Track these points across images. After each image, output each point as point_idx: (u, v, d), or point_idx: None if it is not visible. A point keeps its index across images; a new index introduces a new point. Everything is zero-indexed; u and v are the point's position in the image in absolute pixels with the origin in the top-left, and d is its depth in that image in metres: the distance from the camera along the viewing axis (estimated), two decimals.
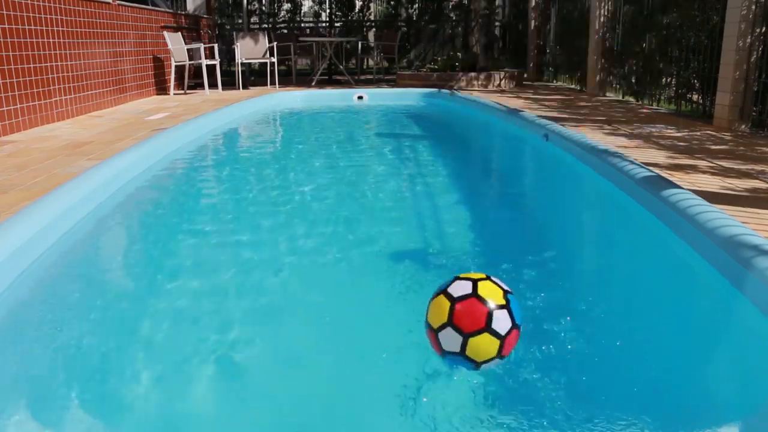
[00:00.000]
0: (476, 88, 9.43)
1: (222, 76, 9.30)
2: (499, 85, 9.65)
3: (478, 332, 1.39)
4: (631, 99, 7.79)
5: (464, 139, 6.61)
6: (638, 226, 3.02)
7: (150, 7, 8.54)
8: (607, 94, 8.54)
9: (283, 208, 3.48)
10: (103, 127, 5.48)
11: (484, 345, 1.39)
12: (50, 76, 5.63)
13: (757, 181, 3.34)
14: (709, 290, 2.27)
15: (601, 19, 8.36)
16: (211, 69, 9.20)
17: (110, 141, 4.69)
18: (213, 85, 9.13)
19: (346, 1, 13.47)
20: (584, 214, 3.56)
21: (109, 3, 7.05)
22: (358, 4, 13.68)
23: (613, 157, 3.63)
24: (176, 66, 8.57)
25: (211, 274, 2.45)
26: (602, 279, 2.43)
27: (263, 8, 13.71)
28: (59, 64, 5.81)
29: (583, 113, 6.48)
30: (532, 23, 11.38)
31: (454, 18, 13.56)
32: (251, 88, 9.58)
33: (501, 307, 1.42)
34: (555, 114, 6.30)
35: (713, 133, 5.03)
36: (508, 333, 1.41)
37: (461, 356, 1.41)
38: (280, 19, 13.79)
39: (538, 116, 5.65)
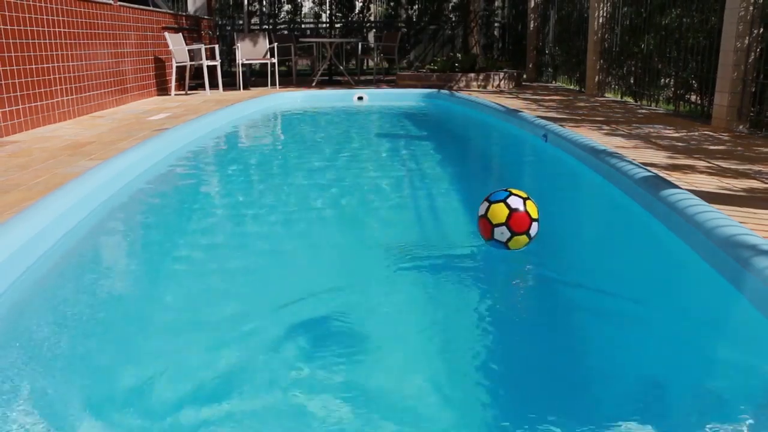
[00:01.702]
0: (475, 89, 9.46)
1: (223, 76, 9.32)
2: (499, 85, 9.67)
3: (520, 234, 2.21)
4: (630, 99, 7.81)
5: (464, 139, 6.63)
6: (636, 226, 3.04)
7: (151, 8, 8.55)
8: (606, 94, 8.56)
9: (284, 207, 3.50)
10: (105, 128, 5.50)
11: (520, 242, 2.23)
12: (52, 76, 5.65)
13: (755, 181, 3.36)
14: (707, 290, 2.29)
15: (600, 20, 8.38)
16: (211, 70, 9.22)
17: (112, 141, 4.71)
18: (214, 85, 9.15)
19: (346, 2, 13.50)
20: (583, 214, 3.58)
21: (110, 4, 7.07)
22: (358, 5, 13.71)
23: (611, 158, 3.65)
24: (177, 67, 8.59)
25: (211, 272, 2.48)
26: (601, 279, 2.45)
27: (264, 9, 13.73)
28: (61, 65, 5.83)
29: (582, 114, 6.50)
30: (532, 24, 11.41)
31: (453, 19, 13.58)
32: (252, 88, 9.60)
33: (536, 220, 2.23)
34: (554, 114, 6.32)
35: (711, 133, 5.05)
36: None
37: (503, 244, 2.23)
38: (281, 20, 13.82)
39: (537, 116, 5.67)
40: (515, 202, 2.21)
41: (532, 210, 2.25)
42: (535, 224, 2.25)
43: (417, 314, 2.09)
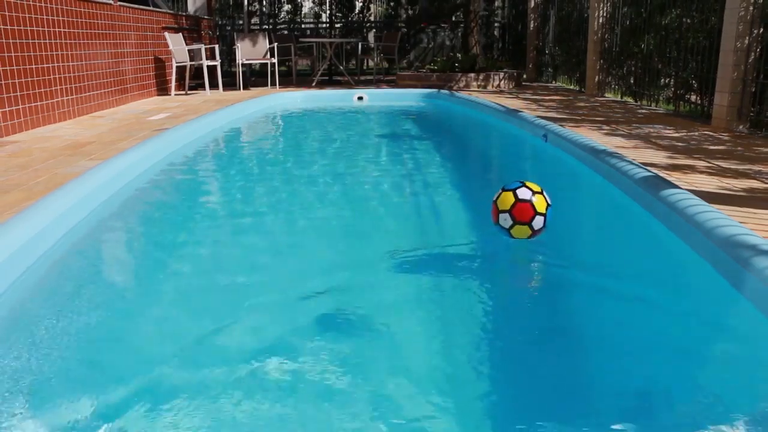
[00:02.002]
0: (475, 89, 9.46)
1: (223, 76, 9.33)
2: (498, 85, 9.67)
3: (522, 224, 2.36)
4: (630, 99, 7.81)
5: (464, 139, 6.63)
6: (636, 226, 3.04)
7: (151, 8, 8.56)
8: (606, 94, 8.56)
9: (285, 208, 3.50)
10: (105, 128, 5.50)
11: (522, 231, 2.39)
12: (52, 76, 5.65)
13: (755, 181, 3.36)
14: (707, 290, 2.29)
15: (600, 20, 8.39)
16: (211, 70, 9.22)
17: (111, 141, 4.71)
18: (214, 85, 9.15)
19: (346, 2, 13.50)
20: (583, 214, 3.58)
21: (110, 4, 7.07)
22: (358, 5, 13.72)
23: (611, 158, 3.66)
24: (177, 67, 8.59)
25: (211, 271, 2.48)
26: (601, 279, 2.45)
27: (264, 9, 13.74)
28: (61, 64, 5.83)
29: (582, 114, 6.50)
30: (532, 24, 11.41)
31: (453, 19, 13.58)
32: (252, 88, 9.60)
33: (541, 214, 2.36)
34: (554, 114, 6.32)
35: (711, 133, 5.05)
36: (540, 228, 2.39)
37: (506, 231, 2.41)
38: (281, 20, 13.82)
39: (537, 116, 5.67)
40: (524, 193, 2.37)
41: (540, 204, 2.36)
42: (539, 218, 2.35)
43: (416, 312, 2.09)
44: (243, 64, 9.44)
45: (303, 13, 14.20)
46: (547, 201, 2.39)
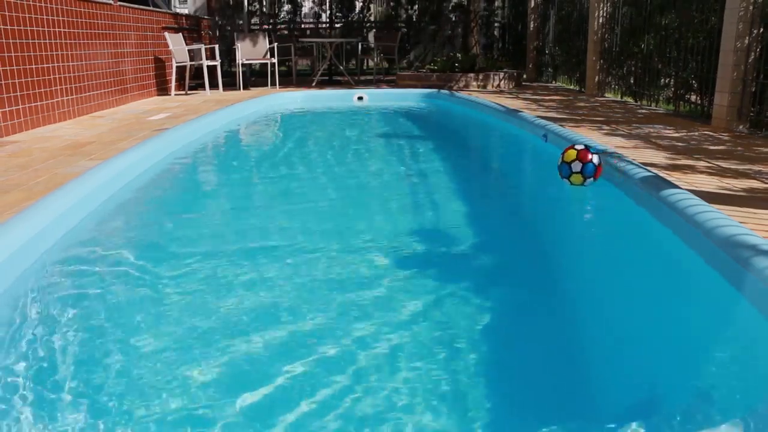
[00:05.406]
0: (475, 89, 9.46)
1: (223, 76, 9.32)
2: (498, 85, 9.67)
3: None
4: (630, 99, 7.81)
5: (464, 139, 6.63)
6: (636, 226, 3.04)
7: (151, 8, 8.55)
8: (606, 94, 8.56)
9: (285, 208, 3.50)
10: (105, 128, 5.50)
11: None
12: (52, 76, 5.65)
13: (755, 181, 3.36)
14: (707, 290, 2.29)
15: (600, 20, 8.38)
16: (211, 69, 9.22)
17: (111, 141, 4.71)
18: (214, 85, 9.15)
19: (346, 2, 13.49)
20: (583, 215, 3.58)
21: (110, 4, 7.07)
22: (358, 5, 13.71)
23: (611, 158, 3.65)
24: (177, 67, 8.59)
25: (211, 271, 2.47)
26: (601, 279, 2.45)
27: (264, 9, 13.73)
28: (61, 64, 5.83)
29: (582, 114, 6.50)
30: (532, 24, 11.41)
31: (453, 19, 13.57)
32: (252, 88, 9.60)
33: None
34: (554, 114, 6.32)
35: (711, 133, 5.05)
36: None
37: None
38: (281, 20, 13.81)
39: (537, 116, 5.67)
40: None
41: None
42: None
43: (415, 313, 2.09)
44: (243, 64, 9.44)
45: (303, 13, 14.19)
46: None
